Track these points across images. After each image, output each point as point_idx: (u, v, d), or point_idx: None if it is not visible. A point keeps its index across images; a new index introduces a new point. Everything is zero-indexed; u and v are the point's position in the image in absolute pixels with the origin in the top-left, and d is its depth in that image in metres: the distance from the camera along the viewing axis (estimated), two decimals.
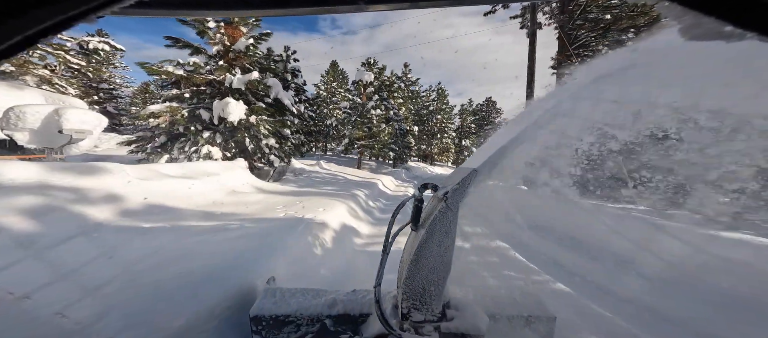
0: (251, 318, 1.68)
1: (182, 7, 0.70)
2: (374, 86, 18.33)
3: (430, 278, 1.46)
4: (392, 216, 1.64)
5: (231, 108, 7.73)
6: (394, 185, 14.55)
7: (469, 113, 43.18)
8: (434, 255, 1.44)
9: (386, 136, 18.01)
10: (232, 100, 7.92)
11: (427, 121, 36.14)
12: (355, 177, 13.12)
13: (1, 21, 0.27)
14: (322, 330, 1.70)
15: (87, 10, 0.31)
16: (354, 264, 3.80)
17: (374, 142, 17.91)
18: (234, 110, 7.78)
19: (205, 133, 7.75)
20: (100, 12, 0.33)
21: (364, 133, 18.03)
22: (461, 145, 40.70)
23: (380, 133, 17.81)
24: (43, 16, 0.29)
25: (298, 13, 0.66)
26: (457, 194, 1.44)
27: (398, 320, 1.51)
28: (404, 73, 34.43)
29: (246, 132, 8.44)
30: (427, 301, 1.49)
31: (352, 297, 1.82)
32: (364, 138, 18.11)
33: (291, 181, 9.73)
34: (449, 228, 1.44)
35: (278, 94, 10.34)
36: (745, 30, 0.35)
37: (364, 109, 18.04)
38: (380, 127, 17.87)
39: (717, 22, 0.36)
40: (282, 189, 7.51)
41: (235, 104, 7.88)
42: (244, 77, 8.46)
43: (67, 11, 0.30)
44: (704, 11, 0.36)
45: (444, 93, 39.26)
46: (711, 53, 1.09)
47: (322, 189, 8.59)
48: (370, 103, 17.61)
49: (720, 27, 0.37)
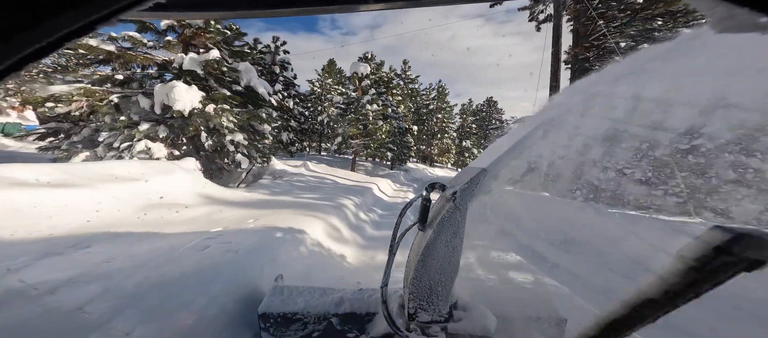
0: (260, 315, 1.67)
1: (194, 9, 0.69)
2: (371, 79, 16.52)
3: (438, 278, 1.45)
4: (399, 216, 1.65)
5: (178, 94, 5.91)
6: (391, 189, 12.71)
7: (469, 113, 41.78)
8: (442, 256, 1.43)
9: (383, 135, 16.19)
10: (181, 85, 6.10)
11: (427, 121, 34.39)
12: (346, 181, 11.28)
13: (28, 26, 0.27)
14: (329, 328, 1.69)
15: (110, 13, 0.32)
16: None
17: (370, 140, 16.08)
18: (183, 97, 5.97)
19: (144, 125, 5.91)
20: (122, 14, 0.33)
21: (358, 130, 16.21)
22: (462, 145, 39.11)
23: (377, 130, 15.99)
24: (70, 20, 0.29)
25: (305, 12, 0.64)
26: (465, 194, 1.42)
27: (405, 320, 1.51)
28: (403, 70, 32.70)
29: (204, 125, 6.65)
30: (434, 301, 1.47)
31: (359, 296, 1.80)
32: (359, 136, 16.28)
33: (264, 187, 7.91)
34: (457, 228, 1.43)
35: (251, 81, 8.51)
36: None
37: (359, 104, 16.22)
38: (377, 124, 16.06)
39: (751, 12, 0.34)
40: (242, 199, 5.70)
41: (184, 90, 6.07)
42: (200, 57, 6.66)
43: (90, 15, 0.30)
44: (737, 2, 0.33)
45: (444, 91, 37.62)
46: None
47: (300, 198, 6.77)
48: (365, 97, 15.78)
49: (755, 18, 0.35)
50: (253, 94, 8.64)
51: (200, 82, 7.02)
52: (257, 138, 8.88)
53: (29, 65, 0.32)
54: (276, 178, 9.65)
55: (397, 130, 20.89)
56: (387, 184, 12.94)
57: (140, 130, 5.78)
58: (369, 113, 15.99)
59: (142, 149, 5.69)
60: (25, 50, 0.29)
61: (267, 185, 8.48)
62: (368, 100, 15.87)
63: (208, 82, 7.39)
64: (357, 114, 16.12)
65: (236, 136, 7.30)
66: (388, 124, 16.60)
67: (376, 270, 3.66)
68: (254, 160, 8.35)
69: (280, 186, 8.45)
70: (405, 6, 0.66)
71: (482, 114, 42.82)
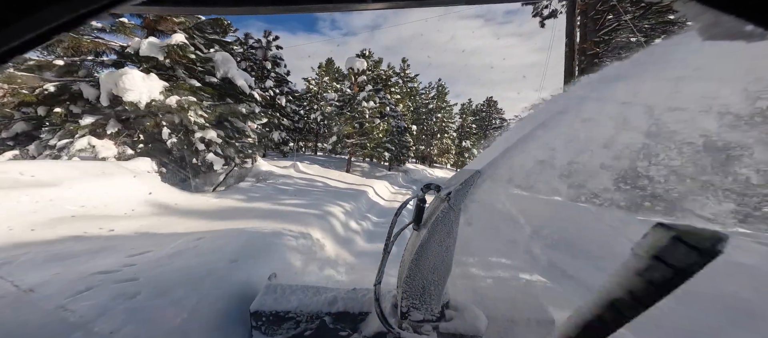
0: (252, 313, 1.65)
1: (191, 4, 0.66)
2: (368, 76, 15.53)
3: (431, 278, 1.47)
4: (394, 216, 1.64)
5: (130, 82, 4.92)
6: (389, 192, 11.70)
7: (469, 113, 40.95)
8: (435, 255, 1.45)
9: (380, 133, 15.19)
10: (135, 72, 5.10)
11: (427, 120, 33.42)
12: (339, 184, 10.28)
13: (16, 18, 0.27)
14: (322, 327, 1.68)
15: (100, 7, 0.31)
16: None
17: (366, 139, 15.07)
18: (137, 86, 4.98)
19: (87, 119, 4.91)
20: (114, 8, 0.33)
21: (354, 129, 15.22)
22: (462, 146, 38.21)
23: (373, 129, 15.00)
24: (57, 13, 0.29)
25: (305, 10, 0.64)
26: (459, 195, 1.44)
27: (397, 319, 1.52)
28: (402, 69, 31.72)
29: (168, 120, 5.66)
30: (426, 301, 1.49)
31: (353, 295, 1.80)
32: (355, 135, 15.29)
33: (241, 192, 6.91)
34: (451, 228, 1.44)
35: (229, 72, 7.53)
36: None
37: (354, 101, 15.23)
38: (373, 122, 15.06)
39: (737, 20, 0.34)
40: (205, 207, 4.71)
41: (139, 78, 5.07)
42: (162, 42, 5.67)
43: (79, 8, 0.30)
44: (724, 9, 0.34)
45: (444, 90, 36.70)
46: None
47: (281, 205, 5.78)
48: (361, 93, 14.79)
49: (740, 26, 0.35)
50: (230, 86, 7.65)
51: (165, 71, 6.04)
52: (236, 136, 7.89)
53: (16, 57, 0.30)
54: (260, 181, 8.65)
55: (396, 129, 19.89)
56: (384, 187, 11.94)
57: (82, 125, 4.78)
58: (365, 111, 15.00)
59: (84, 147, 4.70)
60: (11, 42, 0.29)
61: (246, 189, 7.46)
62: (365, 97, 14.88)
63: (176, 72, 6.41)
64: (353, 111, 15.14)
65: (208, 133, 6.30)
66: (385, 122, 15.61)
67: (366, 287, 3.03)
68: (232, 161, 7.36)
69: (260, 191, 7.44)
70: (405, 6, 0.65)
71: (482, 114, 41.91)
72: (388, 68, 28.72)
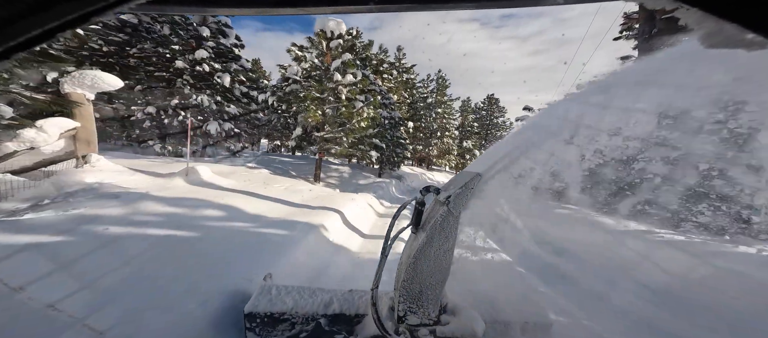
0: (245, 314, 1.64)
1: (196, 4, 0.65)
2: (346, 42, 10.71)
3: (428, 281, 1.47)
4: (393, 219, 1.63)
5: None
6: (374, 214, 6.81)
7: (469, 111, 36.66)
8: (433, 259, 1.45)
9: (364, 122, 10.33)
10: None
11: (425, 116, 28.66)
12: (268, 210, 5.34)
13: (25, 14, 0.27)
14: (317, 329, 1.68)
15: (105, 6, 0.31)
16: None
17: (343, 131, 10.21)
18: None
19: None
20: (118, 8, 0.33)
21: (324, 115, 10.33)
22: (463, 146, 33.66)
23: (353, 115, 10.12)
24: (63, 11, 0.29)
25: (306, 12, 0.60)
26: (459, 198, 1.44)
27: (394, 322, 1.53)
28: (398, 58, 26.95)
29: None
30: (423, 305, 1.50)
31: (349, 298, 1.80)
32: (328, 124, 10.39)
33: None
34: (450, 232, 1.46)
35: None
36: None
37: (325, 75, 10.35)
38: (353, 106, 10.20)
39: (739, 29, 0.34)
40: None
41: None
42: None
43: (85, 7, 0.30)
44: (726, 17, 0.34)
45: (445, 83, 32.11)
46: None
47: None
48: (336, 62, 9.95)
49: (742, 35, 0.35)
50: None
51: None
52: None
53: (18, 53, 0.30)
54: (50, 203, 3.70)
55: (388, 122, 15.04)
56: (366, 205, 7.02)
57: None
58: (342, 89, 10.12)
59: None
60: (17, 39, 0.28)
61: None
62: (339, 68, 10.00)
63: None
64: (322, 87, 10.22)
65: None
66: (370, 107, 10.74)
67: None
68: None
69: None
70: (406, 9, 0.65)
71: (482, 113, 37.55)
72: (380, 50, 23.91)
